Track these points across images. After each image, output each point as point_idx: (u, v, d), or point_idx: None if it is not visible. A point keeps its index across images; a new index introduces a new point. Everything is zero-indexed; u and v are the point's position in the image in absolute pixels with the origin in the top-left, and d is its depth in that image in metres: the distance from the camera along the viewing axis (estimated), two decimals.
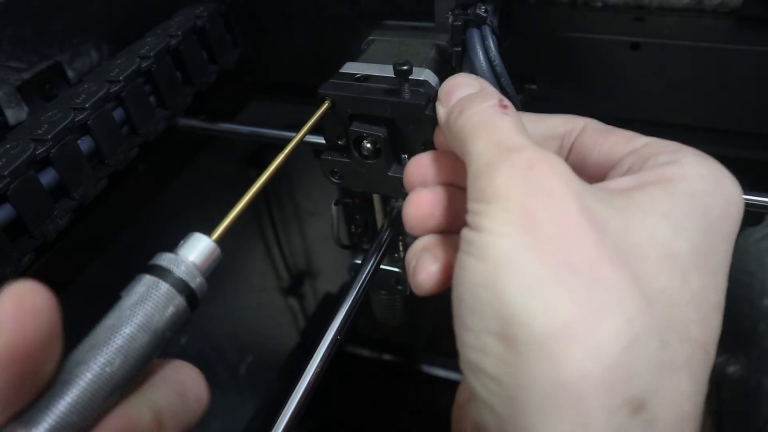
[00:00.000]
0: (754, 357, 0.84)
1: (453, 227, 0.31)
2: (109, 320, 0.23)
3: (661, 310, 0.21)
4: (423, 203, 0.31)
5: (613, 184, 0.25)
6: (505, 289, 0.21)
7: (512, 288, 0.21)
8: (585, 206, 0.22)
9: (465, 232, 0.24)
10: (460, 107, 0.28)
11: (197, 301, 0.25)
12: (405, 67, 0.37)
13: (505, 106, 0.27)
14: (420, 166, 0.33)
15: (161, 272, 0.24)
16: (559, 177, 0.23)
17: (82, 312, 0.26)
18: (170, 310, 0.24)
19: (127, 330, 0.23)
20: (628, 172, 0.26)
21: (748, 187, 0.53)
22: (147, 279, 0.24)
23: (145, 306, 0.23)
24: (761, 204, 0.41)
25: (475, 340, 0.22)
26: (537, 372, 0.20)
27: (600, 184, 0.26)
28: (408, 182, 0.33)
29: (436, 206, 0.31)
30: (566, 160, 0.29)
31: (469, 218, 0.24)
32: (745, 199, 0.41)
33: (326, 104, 0.39)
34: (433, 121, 0.35)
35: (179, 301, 0.24)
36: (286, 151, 0.32)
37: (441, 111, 0.31)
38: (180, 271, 0.25)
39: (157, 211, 0.61)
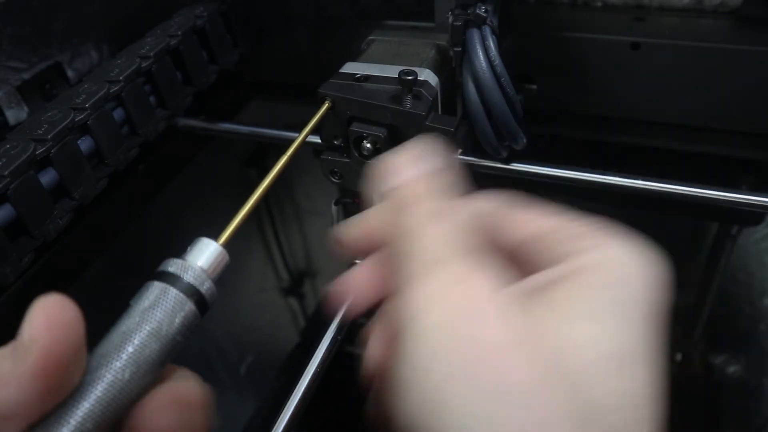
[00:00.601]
0: (754, 357, 0.84)
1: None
2: (120, 328, 0.23)
3: (602, 420, 0.20)
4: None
5: (534, 281, 0.25)
6: (443, 425, 0.20)
7: (450, 423, 0.20)
8: (510, 322, 0.22)
9: (394, 355, 0.23)
10: (398, 203, 0.27)
11: (207, 306, 0.25)
12: (410, 77, 0.37)
13: (444, 214, 0.26)
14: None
15: (170, 278, 0.24)
16: (479, 293, 0.22)
17: (82, 312, 0.26)
18: (180, 316, 0.24)
19: (138, 338, 0.23)
20: (543, 262, 0.26)
21: (748, 187, 0.54)
22: (156, 286, 0.24)
23: (155, 313, 0.23)
24: (761, 204, 0.41)
25: None
26: None
27: (522, 284, 0.25)
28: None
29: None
30: (491, 238, 0.28)
31: (400, 336, 0.23)
32: (745, 199, 0.41)
33: (327, 105, 0.40)
34: (435, 131, 0.35)
35: (189, 306, 0.24)
36: (289, 153, 0.32)
37: (376, 196, 0.29)
38: (189, 277, 0.24)
39: (157, 211, 0.61)
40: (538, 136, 0.43)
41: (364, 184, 0.30)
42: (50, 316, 0.20)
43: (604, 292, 0.23)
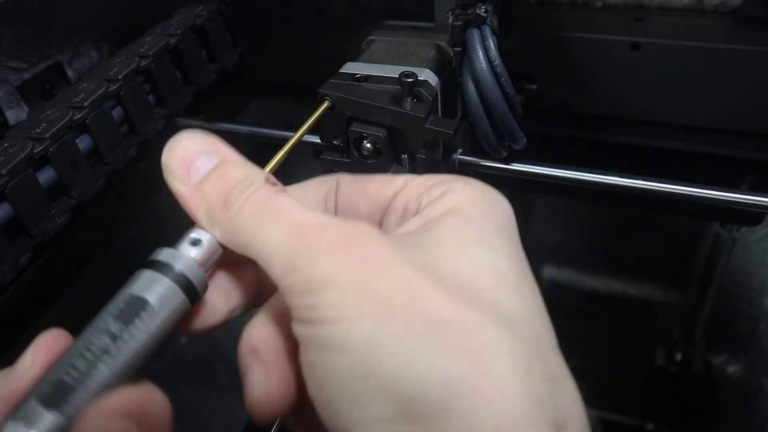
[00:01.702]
0: (754, 357, 0.84)
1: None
2: (108, 313, 0.23)
3: (523, 331, 0.21)
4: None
5: (408, 227, 0.25)
6: (388, 372, 0.20)
7: (394, 367, 0.20)
8: (412, 260, 0.22)
9: (304, 330, 0.22)
10: (225, 198, 0.24)
11: (198, 296, 0.25)
12: (410, 79, 0.37)
13: (274, 183, 0.25)
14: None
15: (161, 267, 0.24)
16: (375, 241, 0.22)
17: (81, 312, 0.26)
18: (170, 305, 0.24)
19: (126, 326, 0.23)
20: (406, 214, 0.26)
21: (748, 187, 0.54)
22: (147, 274, 0.24)
23: (145, 301, 0.23)
24: (761, 204, 0.41)
25: (372, 429, 0.21)
26: None
27: (400, 230, 0.25)
28: None
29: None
30: (347, 210, 0.28)
31: (301, 313, 0.22)
32: (745, 199, 0.41)
33: (326, 104, 0.39)
34: (433, 134, 0.35)
35: (180, 296, 0.24)
36: (286, 148, 0.32)
37: (184, 191, 0.26)
38: (180, 266, 0.24)
39: (157, 211, 0.61)
40: (538, 136, 0.43)
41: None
42: (48, 348, 0.23)
43: (481, 222, 0.24)
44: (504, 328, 0.21)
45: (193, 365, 0.77)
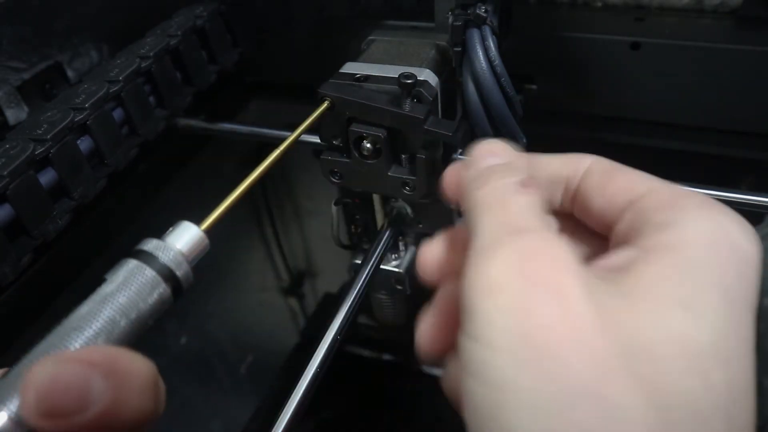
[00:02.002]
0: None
1: None
2: (91, 302, 0.23)
3: (682, 426, 0.18)
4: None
5: (615, 260, 0.22)
6: (508, 422, 0.18)
7: (514, 419, 0.18)
8: (592, 302, 0.19)
9: (462, 341, 0.20)
10: (483, 179, 0.24)
11: (182, 289, 0.25)
12: (410, 81, 0.37)
13: (528, 185, 0.24)
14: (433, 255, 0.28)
15: (147, 258, 0.24)
16: (564, 267, 0.20)
17: None
18: (154, 296, 0.23)
19: (108, 313, 0.22)
20: (627, 238, 0.23)
21: (748, 187, 0.54)
22: (132, 264, 0.24)
23: (128, 290, 0.23)
24: (761, 204, 0.41)
25: None
26: None
27: (602, 263, 0.22)
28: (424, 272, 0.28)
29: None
30: (571, 205, 0.27)
31: (464, 319, 0.21)
32: (745, 199, 0.41)
33: (326, 104, 0.39)
34: (432, 135, 0.35)
35: (163, 288, 0.24)
36: (283, 147, 0.32)
37: (464, 173, 0.26)
38: (166, 258, 0.24)
39: (157, 211, 0.61)
40: (538, 136, 0.43)
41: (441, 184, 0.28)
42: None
43: (700, 273, 0.20)
44: (646, 422, 0.17)
45: (193, 365, 0.77)
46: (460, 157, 0.46)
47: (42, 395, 0.19)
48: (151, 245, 0.25)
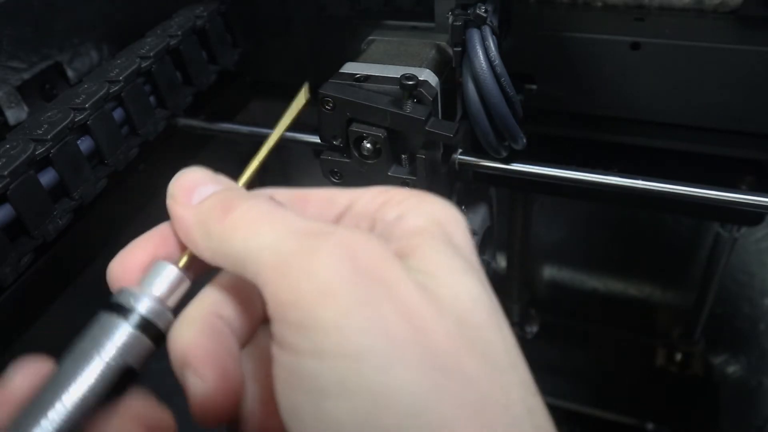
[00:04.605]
0: (754, 357, 0.84)
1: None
2: (68, 364, 0.22)
3: (514, 380, 0.20)
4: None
5: (396, 243, 0.23)
6: (393, 422, 0.18)
7: (401, 417, 0.18)
8: (416, 281, 0.20)
9: (290, 361, 0.20)
10: (225, 205, 0.23)
11: (164, 337, 0.23)
12: (410, 82, 0.37)
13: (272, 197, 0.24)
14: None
15: (123, 311, 0.23)
16: (385, 253, 0.21)
17: (82, 313, 0.26)
18: (135, 350, 0.23)
19: (87, 374, 0.22)
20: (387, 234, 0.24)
21: (748, 187, 0.54)
22: (106, 317, 0.23)
23: (105, 348, 0.22)
24: (761, 204, 0.41)
25: None
26: None
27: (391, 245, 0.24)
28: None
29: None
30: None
31: (287, 334, 0.20)
32: (745, 199, 0.41)
33: (304, 101, 0.37)
34: (433, 136, 0.34)
35: (143, 340, 0.23)
36: (271, 144, 0.31)
37: (183, 212, 0.25)
38: (143, 309, 0.23)
39: (157, 211, 0.61)
40: (538, 136, 0.43)
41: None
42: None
43: (463, 248, 0.23)
44: (497, 379, 0.20)
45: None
46: (460, 157, 0.46)
47: None
48: (126, 296, 0.23)
